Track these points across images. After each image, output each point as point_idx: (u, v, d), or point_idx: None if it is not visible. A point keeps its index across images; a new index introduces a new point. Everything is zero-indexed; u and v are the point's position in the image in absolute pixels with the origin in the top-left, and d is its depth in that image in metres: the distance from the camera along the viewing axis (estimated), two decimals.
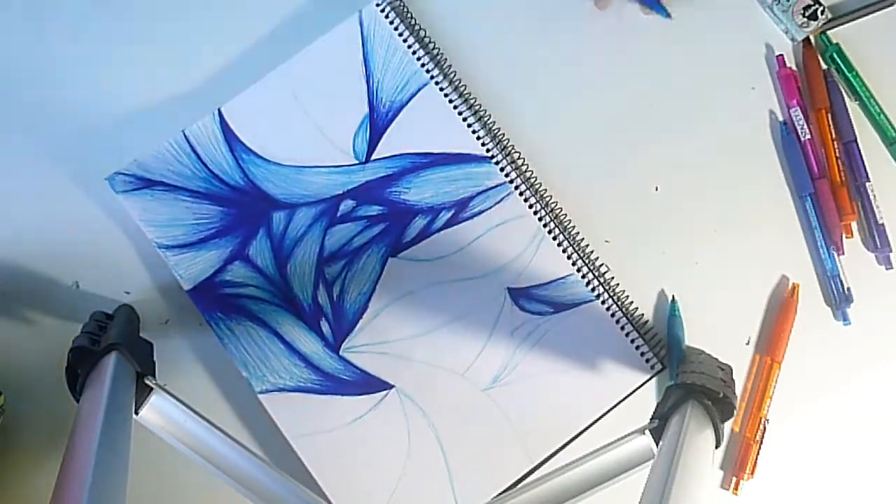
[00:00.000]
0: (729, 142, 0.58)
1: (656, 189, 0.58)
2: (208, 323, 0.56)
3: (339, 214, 0.57)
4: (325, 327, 0.56)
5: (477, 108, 0.58)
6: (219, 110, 0.57)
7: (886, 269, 0.57)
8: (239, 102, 0.57)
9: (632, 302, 0.57)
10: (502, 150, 0.57)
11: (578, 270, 0.56)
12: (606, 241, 0.57)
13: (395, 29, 0.57)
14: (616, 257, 0.57)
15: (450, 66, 0.58)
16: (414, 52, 0.57)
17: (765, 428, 0.56)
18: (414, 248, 0.57)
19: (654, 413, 0.49)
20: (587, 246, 0.57)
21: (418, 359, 0.56)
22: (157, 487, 0.56)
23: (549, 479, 0.45)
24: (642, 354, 0.56)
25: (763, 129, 0.59)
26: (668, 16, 0.57)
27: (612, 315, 0.56)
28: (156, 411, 0.47)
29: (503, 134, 0.58)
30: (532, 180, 0.57)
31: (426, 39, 0.58)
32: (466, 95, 0.58)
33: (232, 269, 0.56)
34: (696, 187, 0.58)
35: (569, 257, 0.56)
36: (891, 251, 0.57)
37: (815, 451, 0.57)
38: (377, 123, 0.57)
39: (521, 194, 0.57)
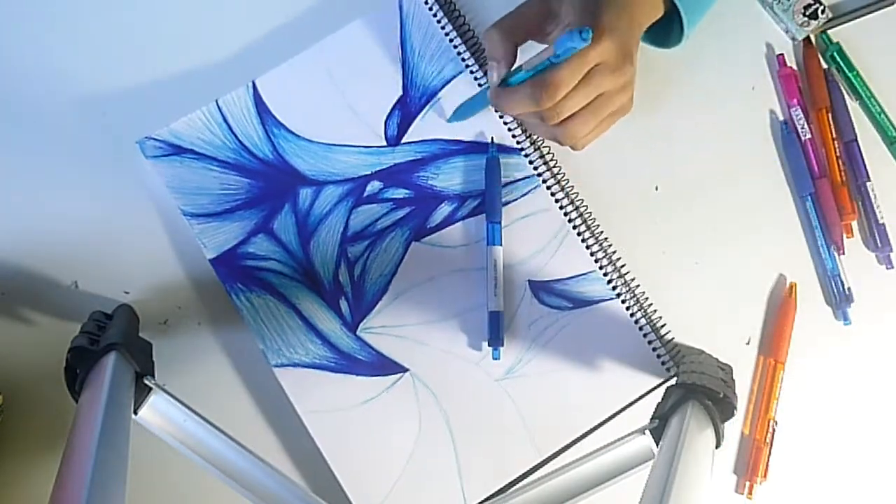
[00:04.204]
0: (729, 141, 0.58)
1: (656, 189, 0.58)
2: (228, 293, 0.56)
3: (365, 195, 0.57)
4: (343, 306, 0.57)
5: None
6: (253, 83, 0.57)
7: (887, 268, 0.57)
8: (273, 76, 0.58)
9: (651, 304, 0.56)
10: (532, 143, 0.57)
11: (601, 268, 0.56)
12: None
13: (434, 16, 0.58)
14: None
15: (486, 55, 0.58)
16: (451, 40, 0.58)
17: (774, 430, 0.56)
18: (438, 233, 0.57)
19: (654, 413, 0.48)
20: (610, 245, 0.57)
21: (434, 345, 0.56)
22: (157, 487, 0.56)
23: (549, 478, 0.45)
24: (658, 356, 0.56)
25: (763, 129, 0.59)
26: None
27: (632, 315, 0.56)
28: (155, 411, 0.47)
29: None
30: (559, 175, 0.57)
31: (465, 27, 0.58)
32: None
33: (255, 242, 0.57)
34: (696, 187, 0.58)
35: (592, 254, 0.56)
36: (891, 250, 0.57)
37: (823, 450, 0.57)
38: (410, 107, 0.58)
39: (548, 188, 0.57)
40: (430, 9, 0.58)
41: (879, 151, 0.58)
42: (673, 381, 0.55)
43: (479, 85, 0.57)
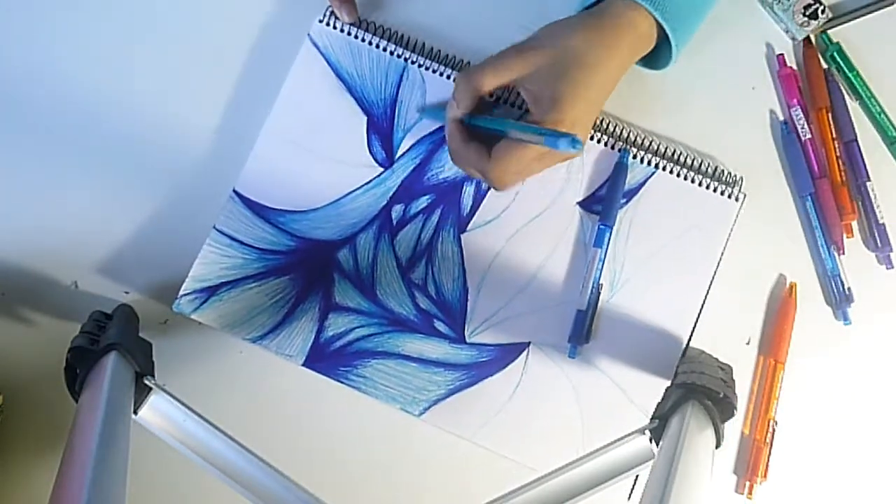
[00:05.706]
0: (729, 141, 0.58)
1: None
2: (339, 381, 0.56)
3: (395, 223, 0.57)
4: (441, 327, 0.57)
5: (458, 64, 0.58)
6: (234, 190, 0.57)
7: (887, 268, 0.57)
8: (248, 174, 0.57)
9: (685, 155, 0.57)
10: (505, 90, 0.57)
11: (630, 155, 0.57)
12: None
13: (348, 34, 0.58)
14: None
15: (416, 41, 0.58)
16: (377, 46, 0.58)
17: (774, 430, 0.56)
18: (476, 215, 0.57)
19: (654, 413, 0.48)
20: (623, 131, 0.57)
21: (534, 308, 0.56)
22: (157, 487, 0.56)
23: (549, 478, 0.45)
24: (722, 193, 0.56)
25: (763, 129, 0.59)
26: None
27: (678, 175, 0.57)
28: (155, 411, 0.47)
29: None
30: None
31: (381, 28, 0.58)
32: (444, 59, 0.58)
33: (330, 324, 0.57)
34: None
35: (612, 147, 0.57)
36: (891, 250, 0.57)
37: (823, 450, 0.57)
38: (381, 125, 0.58)
39: None
40: (342, 30, 0.57)
41: (879, 151, 0.58)
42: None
43: (427, 69, 0.57)
